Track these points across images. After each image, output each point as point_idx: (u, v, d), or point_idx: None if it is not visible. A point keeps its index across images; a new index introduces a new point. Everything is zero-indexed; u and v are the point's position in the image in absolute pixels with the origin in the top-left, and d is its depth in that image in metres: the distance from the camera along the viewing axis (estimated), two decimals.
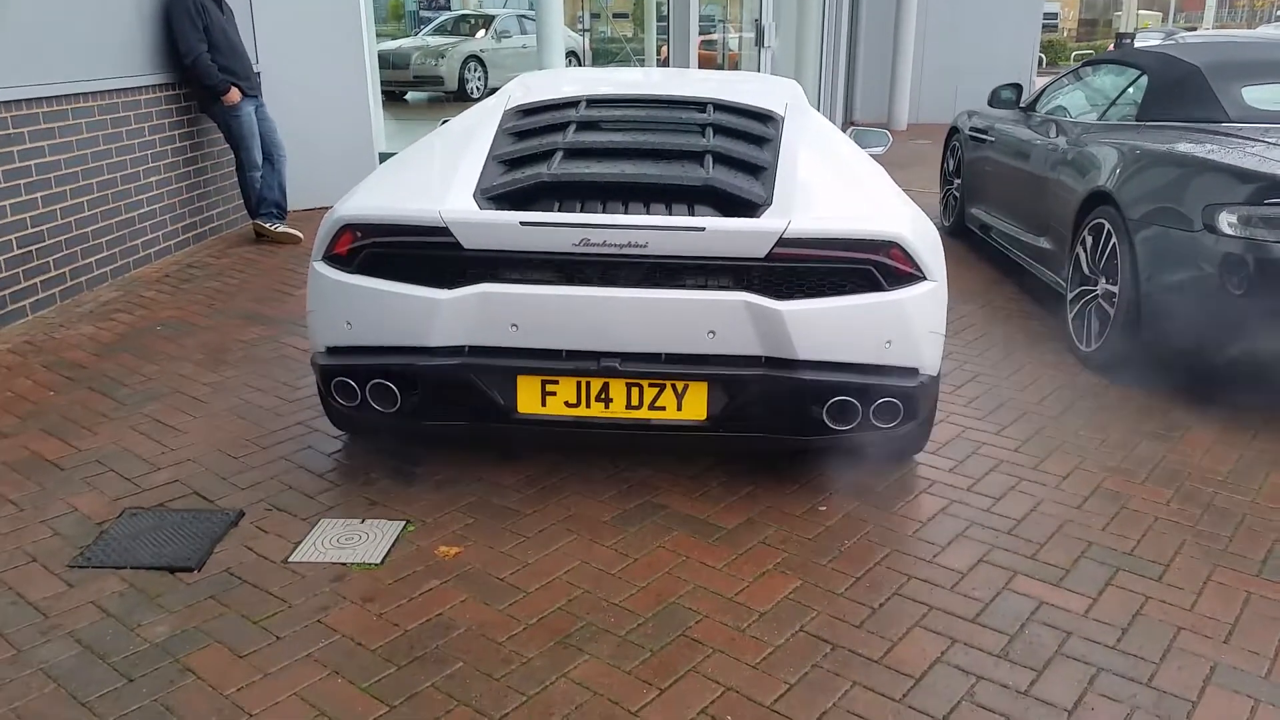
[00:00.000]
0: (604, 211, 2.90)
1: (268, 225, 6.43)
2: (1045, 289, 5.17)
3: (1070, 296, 4.55)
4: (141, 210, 5.67)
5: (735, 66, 13.22)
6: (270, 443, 3.49)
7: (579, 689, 2.26)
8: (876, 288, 2.82)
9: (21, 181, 4.67)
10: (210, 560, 2.75)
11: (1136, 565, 2.81)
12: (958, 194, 6.78)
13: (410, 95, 17.20)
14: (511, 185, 2.98)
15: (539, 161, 3.14)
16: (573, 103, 3.67)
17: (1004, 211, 5.78)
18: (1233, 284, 3.58)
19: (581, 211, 2.89)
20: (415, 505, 3.07)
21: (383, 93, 15.61)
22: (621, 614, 2.54)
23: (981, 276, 5.89)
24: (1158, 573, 2.77)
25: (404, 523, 2.96)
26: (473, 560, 2.77)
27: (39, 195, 4.79)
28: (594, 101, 3.69)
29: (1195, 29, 30.97)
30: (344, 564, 2.74)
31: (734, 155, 3.16)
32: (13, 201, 4.61)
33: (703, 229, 2.73)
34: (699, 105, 3.65)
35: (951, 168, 6.98)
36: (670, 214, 2.88)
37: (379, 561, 2.76)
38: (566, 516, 3.01)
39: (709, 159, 3.10)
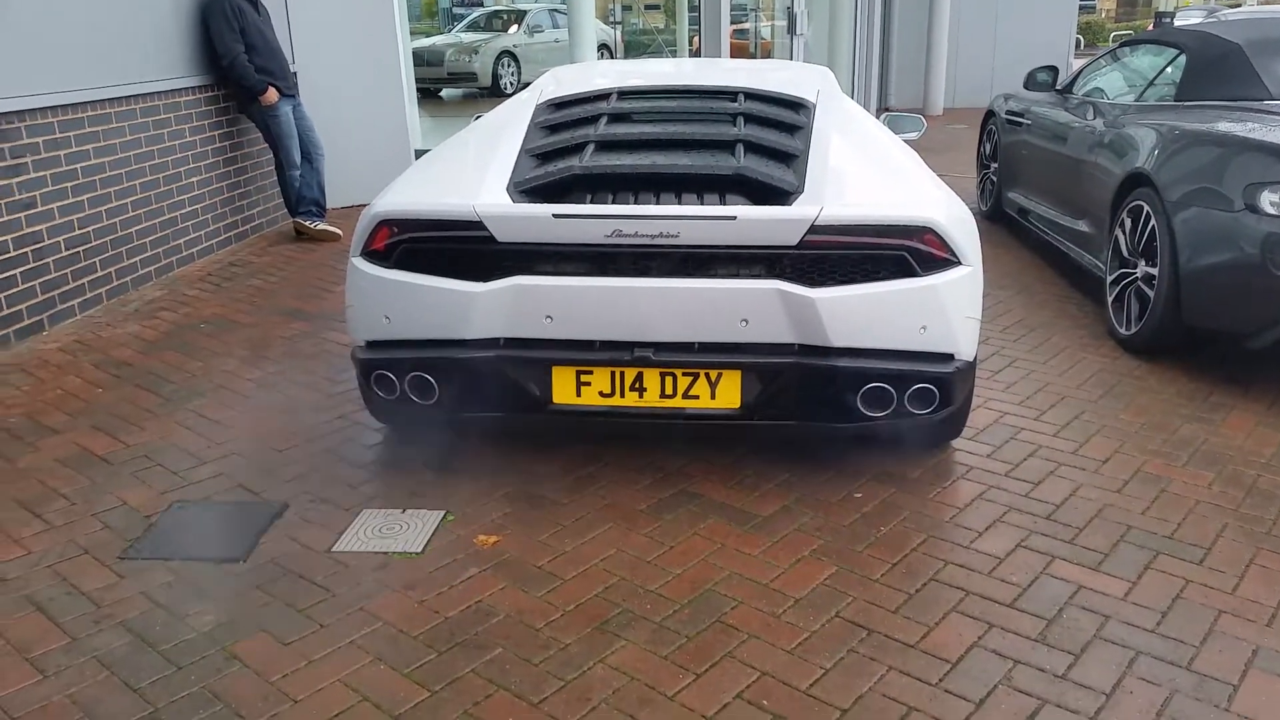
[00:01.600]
0: (636, 203, 2.92)
1: (307, 223, 6.52)
2: (1084, 273, 5.12)
3: (1109, 280, 4.49)
4: (184, 210, 5.78)
5: (768, 55, 13.17)
6: (313, 436, 3.55)
7: (616, 674, 2.29)
8: (910, 273, 2.81)
9: (68, 185, 4.79)
10: (255, 551, 2.82)
11: (1177, 549, 2.78)
12: (995, 178, 6.71)
13: (445, 92, 17.33)
14: (544, 178, 3.01)
15: (571, 154, 3.16)
16: (604, 95, 3.68)
17: (1042, 195, 5.72)
18: (1275, 264, 3.52)
19: (613, 203, 2.91)
20: (455, 495, 3.11)
21: (417, 90, 15.72)
22: (657, 600, 2.57)
23: (1019, 261, 5.83)
24: (1199, 556, 2.75)
25: (444, 513, 3.00)
26: (511, 549, 2.81)
27: (85, 198, 4.90)
28: (625, 93, 3.71)
29: (1239, 4, 30.29)
30: (385, 553, 2.79)
31: (765, 143, 3.16)
32: (60, 204, 4.73)
33: (734, 218, 2.74)
34: (730, 94, 3.65)
35: (988, 152, 6.91)
36: (702, 204, 2.89)
37: (420, 550, 2.80)
38: (603, 505, 3.04)
39: (740, 148, 3.11)
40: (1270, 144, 3.64)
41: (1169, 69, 4.81)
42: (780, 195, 2.91)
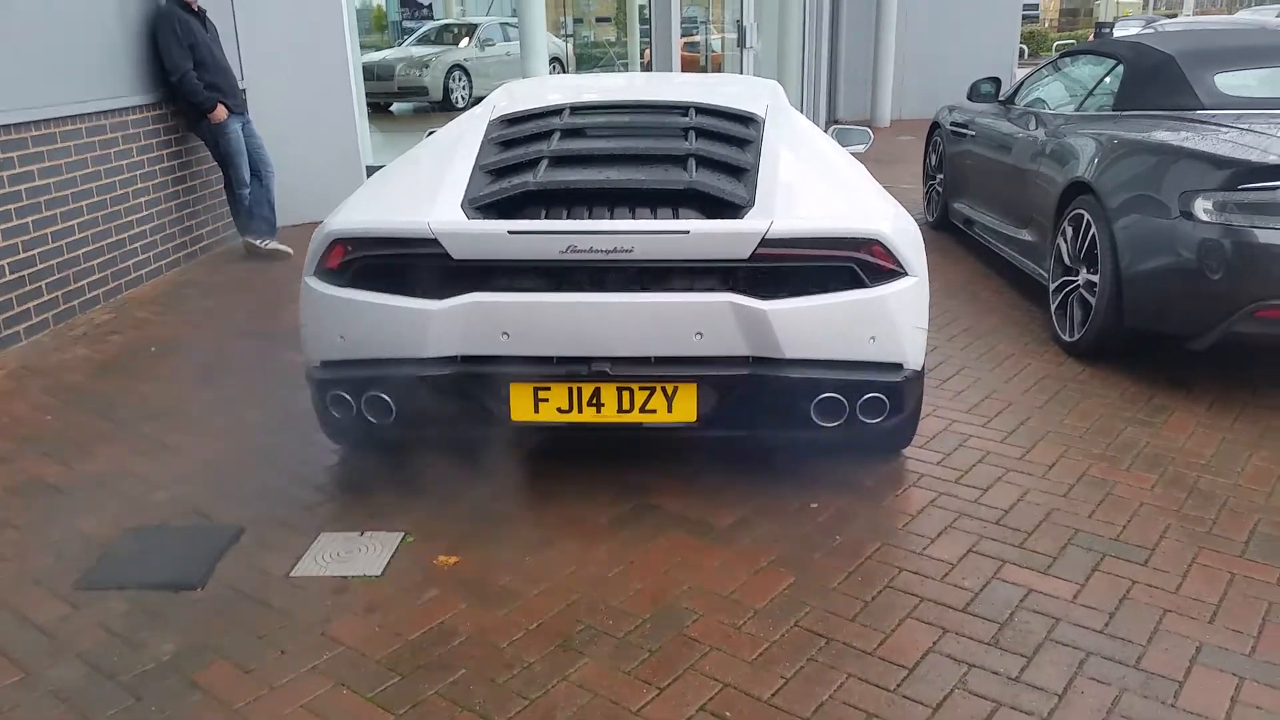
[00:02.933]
0: (590, 217, 2.94)
1: (258, 242, 6.46)
2: (1029, 281, 5.23)
3: (1052, 287, 4.61)
4: (132, 231, 5.70)
5: (719, 68, 13.29)
6: (268, 458, 3.52)
7: (580, 691, 2.31)
8: (859, 285, 2.87)
9: (12, 206, 4.70)
10: (213, 577, 2.79)
11: (1123, 550, 2.86)
12: (940, 189, 6.84)
13: (396, 106, 17.23)
14: (498, 194, 3.02)
15: (525, 170, 3.18)
16: (557, 110, 3.71)
17: (986, 205, 5.84)
18: (1210, 269, 3.64)
19: (568, 218, 2.93)
20: (413, 516, 3.11)
21: (368, 105, 15.60)
22: (620, 615, 2.59)
23: (965, 271, 5.95)
24: (1144, 557, 2.83)
25: (403, 534, 3.00)
26: (471, 568, 2.82)
27: (29, 220, 4.82)
28: (578, 108, 3.73)
29: (1176, 15, 31.12)
30: (345, 576, 2.78)
31: (716, 158, 3.20)
32: (3, 227, 4.64)
33: (687, 232, 2.78)
34: (681, 109, 3.70)
35: (934, 163, 7.04)
36: (655, 218, 2.92)
37: (379, 573, 2.80)
38: (563, 521, 3.06)
39: (692, 162, 3.14)
40: (1203, 153, 3.76)
41: (1107, 79, 4.95)
42: (732, 209, 2.95)
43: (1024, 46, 17.86)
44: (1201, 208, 3.66)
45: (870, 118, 12.82)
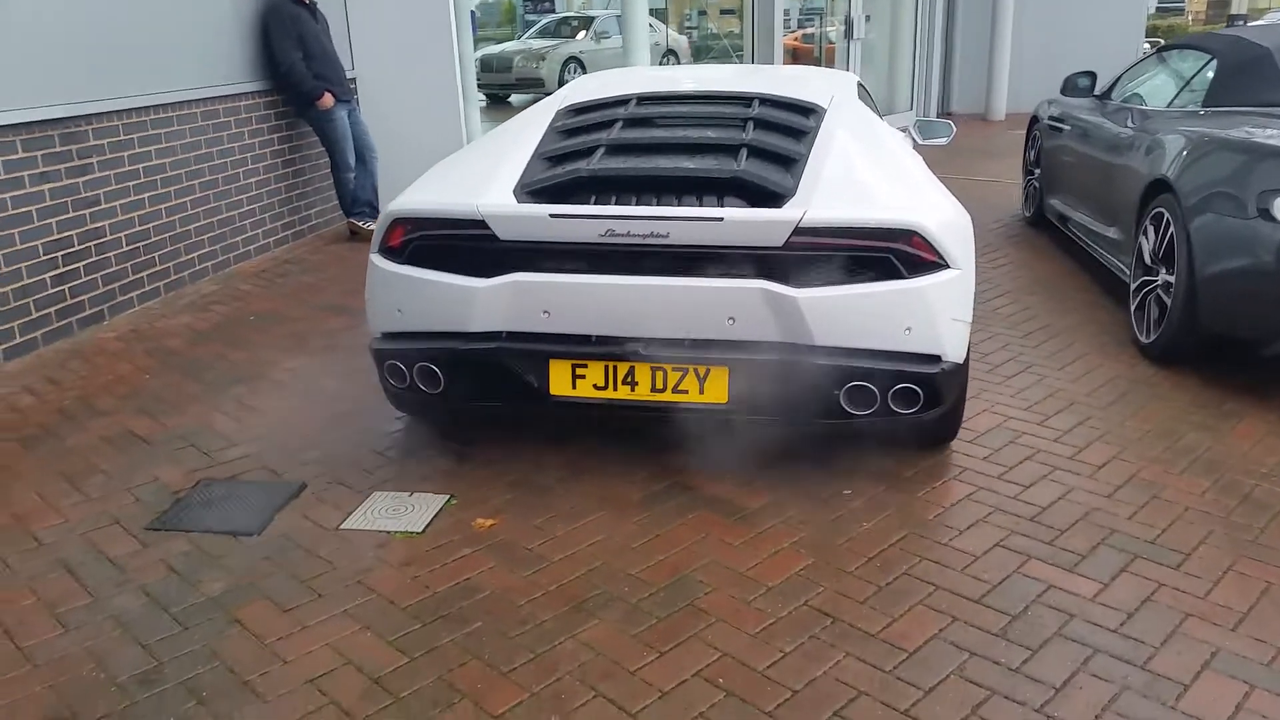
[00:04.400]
0: (637, 204, 3.04)
1: (361, 223, 6.79)
2: (1116, 281, 5.08)
3: (1133, 287, 4.48)
4: (241, 209, 6.08)
5: (832, 59, 13.15)
6: (338, 422, 3.76)
7: (585, 649, 2.42)
8: (896, 275, 2.89)
9: (130, 184, 5.10)
10: (270, 526, 3.02)
11: (1156, 553, 2.81)
12: (1038, 184, 6.67)
13: (514, 97, 17.66)
14: (550, 180, 3.15)
15: (581, 157, 3.29)
16: (623, 101, 3.81)
17: (1078, 201, 5.68)
18: None
19: (615, 204, 3.04)
20: (462, 481, 3.28)
21: (486, 95, 15.95)
22: (636, 584, 2.69)
23: (1054, 268, 5.80)
24: (1177, 561, 2.77)
25: (448, 496, 3.17)
26: (506, 531, 2.97)
27: (145, 196, 5.22)
28: (644, 99, 3.83)
29: None
30: (388, 532, 2.97)
31: (768, 148, 3.25)
32: (122, 202, 5.04)
33: (721, 219, 2.86)
34: (745, 100, 3.74)
35: (1032, 158, 6.87)
36: (701, 206, 3.00)
37: (420, 530, 2.97)
38: (598, 494, 3.18)
39: (743, 152, 3.20)
40: None
41: (1201, 74, 4.76)
42: (775, 198, 3.01)
43: (1161, 39, 17.03)
44: None
45: (985, 111, 12.48)
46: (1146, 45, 10.78)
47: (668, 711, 2.21)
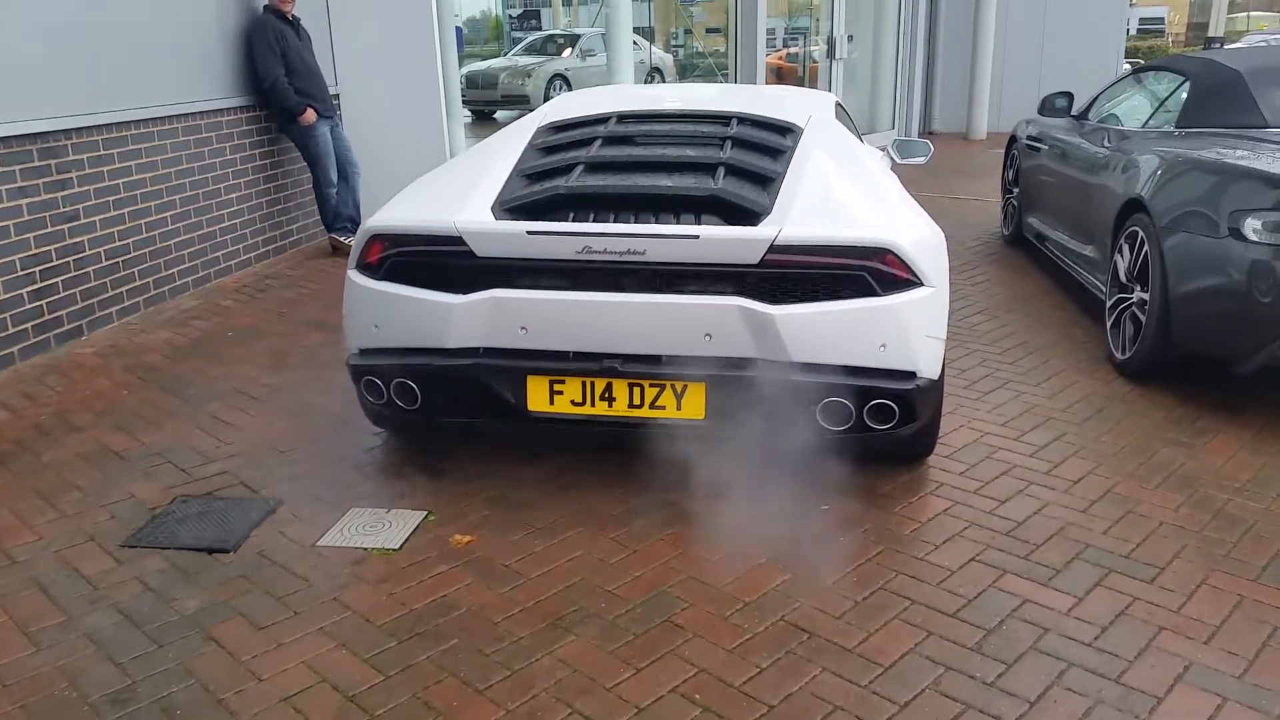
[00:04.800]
0: (614, 222, 3.06)
1: (342, 239, 6.78)
2: (1093, 299, 5.12)
3: (1109, 304, 4.52)
4: (222, 224, 6.07)
5: (815, 78, 13.25)
6: (316, 438, 3.75)
7: (561, 666, 2.42)
8: (870, 293, 2.91)
9: (110, 199, 5.09)
10: (246, 543, 3.00)
11: (1130, 567, 2.83)
12: (1016, 203, 6.73)
13: (499, 114, 17.70)
14: (527, 197, 3.17)
15: (559, 175, 3.32)
16: (603, 119, 3.83)
17: (1055, 220, 5.74)
18: (1259, 290, 3.54)
19: (592, 222, 3.06)
20: (439, 497, 3.27)
21: (472, 111, 15.97)
22: (613, 600, 2.69)
23: (1032, 286, 5.85)
24: (1151, 575, 2.79)
25: (426, 513, 3.16)
26: (483, 548, 2.96)
27: (125, 211, 5.20)
28: (624, 117, 3.85)
29: None
30: (365, 548, 2.96)
31: (745, 166, 3.28)
32: (102, 217, 5.03)
33: (697, 237, 2.88)
34: (724, 119, 3.78)
35: (1010, 177, 6.94)
36: (678, 224, 3.02)
37: (397, 547, 2.96)
38: (577, 510, 3.18)
39: (721, 171, 3.23)
40: (1256, 171, 3.66)
41: (1174, 96, 4.83)
42: (751, 216, 3.03)
43: (1141, 60, 17.23)
44: (1251, 227, 3.56)
45: (966, 130, 12.59)
46: (1127, 65, 10.90)
47: None
